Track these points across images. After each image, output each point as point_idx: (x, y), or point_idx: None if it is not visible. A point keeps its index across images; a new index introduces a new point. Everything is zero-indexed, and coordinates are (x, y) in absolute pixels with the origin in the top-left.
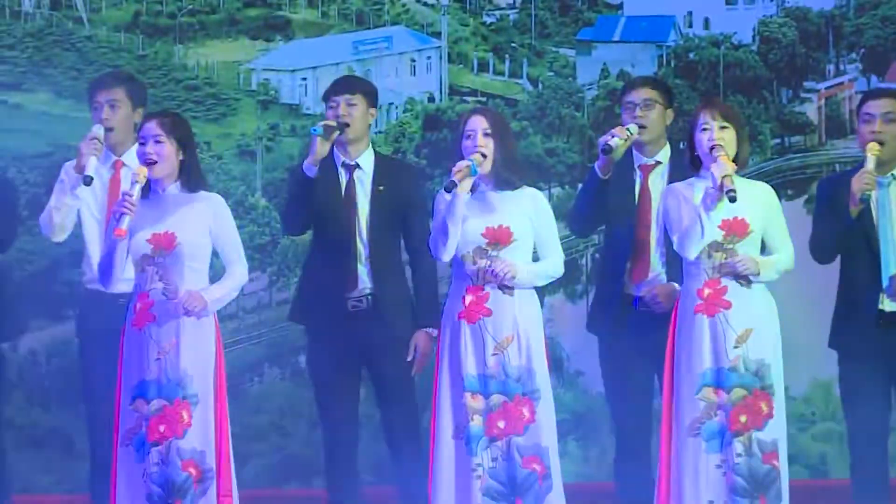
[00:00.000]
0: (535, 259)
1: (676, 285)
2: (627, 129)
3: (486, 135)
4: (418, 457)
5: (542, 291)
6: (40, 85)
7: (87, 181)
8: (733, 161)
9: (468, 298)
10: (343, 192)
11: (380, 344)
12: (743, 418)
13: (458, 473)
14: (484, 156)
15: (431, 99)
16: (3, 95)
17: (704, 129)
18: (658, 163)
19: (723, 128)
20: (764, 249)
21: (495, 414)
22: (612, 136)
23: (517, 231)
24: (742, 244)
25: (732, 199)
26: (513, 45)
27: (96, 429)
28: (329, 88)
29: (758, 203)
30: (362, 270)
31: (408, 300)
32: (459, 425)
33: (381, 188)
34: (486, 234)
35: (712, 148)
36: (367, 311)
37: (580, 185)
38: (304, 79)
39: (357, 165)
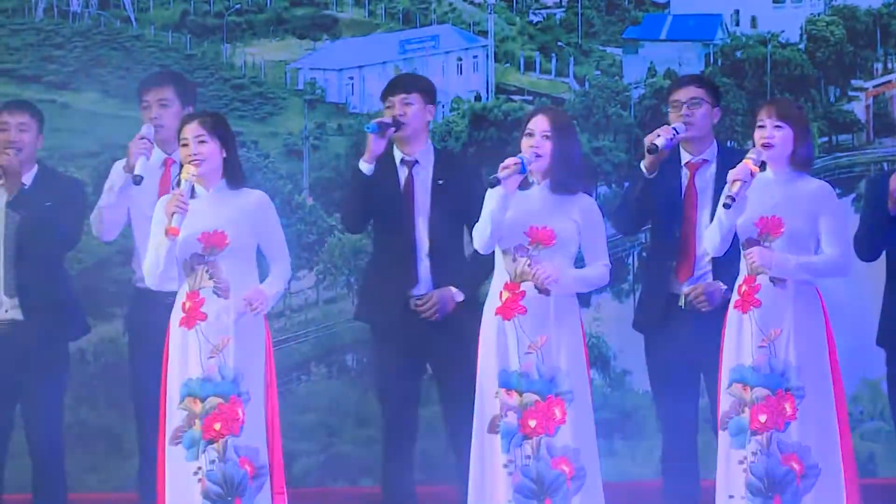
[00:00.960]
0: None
1: (722, 284)
2: (674, 128)
3: (544, 136)
4: None
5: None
6: (88, 84)
7: (138, 181)
8: (791, 160)
9: (505, 295)
10: (402, 189)
11: (442, 341)
12: (762, 418)
13: (493, 469)
14: (538, 156)
15: (478, 98)
16: (51, 95)
17: (759, 127)
18: (705, 161)
19: (777, 127)
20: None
21: (528, 412)
22: (659, 135)
23: (560, 234)
24: (776, 242)
25: (726, 206)
26: (559, 43)
27: (145, 427)
28: (385, 88)
29: (802, 202)
30: (423, 267)
31: (472, 295)
32: (494, 420)
33: (441, 182)
34: (529, 232)
35: (764, 146)
36: None
37: (626, 184)
38: (351, 78)
39: (416, 162)
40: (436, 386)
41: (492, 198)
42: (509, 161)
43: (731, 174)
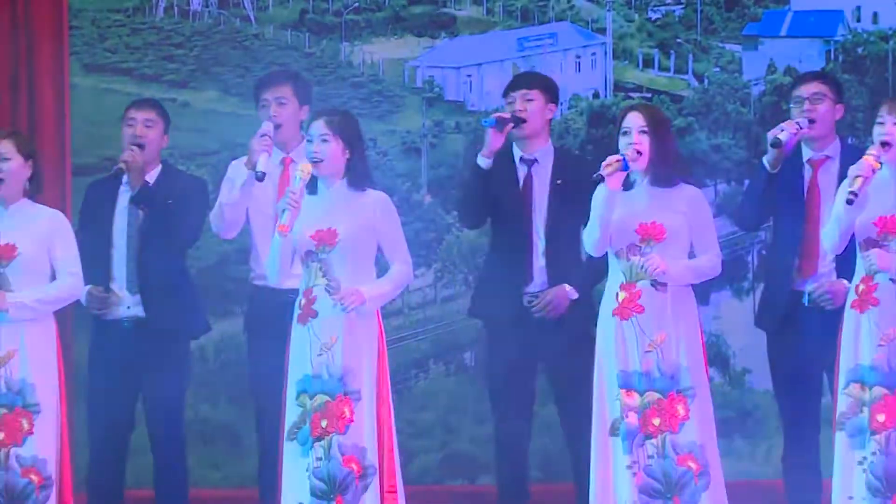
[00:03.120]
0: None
1: (846, 282)
2: (797, 124)
3: (641, 132)
4: None
5: (708, 288)
6: (208, 83)
7: (260, 177)
8: None
9: (621, 295)
10: (521, 187)
11: (557, 339)
12: (881, 417)
13: (616, 470)
14: (639, 153)
15: (596, 95)
16: (171, 94)
17: (879, 124)
18: (827, 157)
19: None
20: None
21: (650, 411)
22: (782, 129)
23: (670, 228)
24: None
25: (849, 202)
26: (678, 40)
27: (264, 424)
28: (508, 85)
29: None
30: (539, 265)
31: (586, 294)
32: (615, 422)
33: (560, 182)
34: (640, 230)
35: (883, 144)
36: None
37: (747, 181)
38: (469, 76)
39: (535, 160)
40: (549, 384)
41: (598, 199)
42: (611, 159)
43: (853, 170)
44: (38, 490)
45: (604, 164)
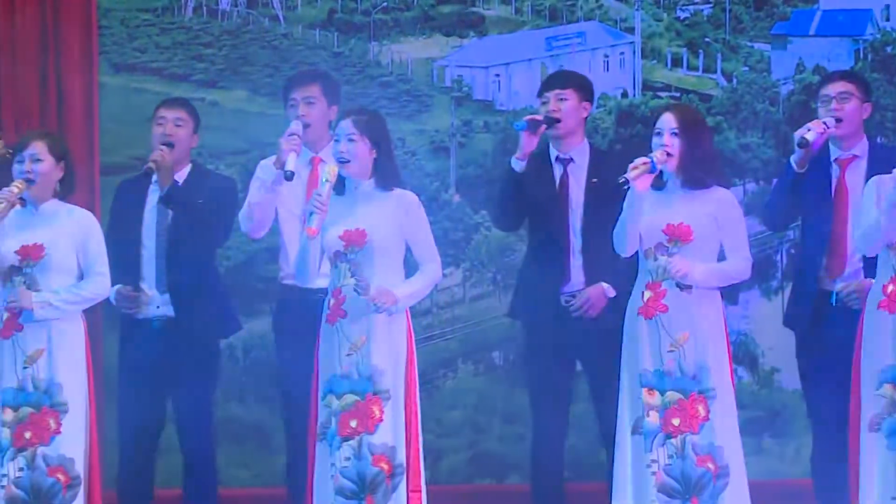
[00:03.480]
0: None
1: (874, 281)
2: (824, 123)
3: (673, 133)
4: None
5: (737, 287)
6: (237, 82)
7: (289, 176)
8: None
9: (646, 294)
10: (557, 186)
11: (593, 338)
12: None
13: (636, 468)
14: (669, 154)
15: (625, 94)
16: (200, 93)
17: None
18: (855, 156)
19: None
20: None
21: (671, 411)
22: (809, 129)
23: (698, 230)
24: None
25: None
26: (707, 40)
27: (293, 423)
28: (542, 84)
29: None
30: (576, 264)
31: (623, 294)
32: (637, 420)
33: (596, 181)
34: (667, 230)
35: None
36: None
37: (775, 181)
38: (498, 75)
39: (571, 159)
40: (586, 382)
41: (627, 199)
42: (638, 161)
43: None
44: (64, 489)
45: (630, 166)
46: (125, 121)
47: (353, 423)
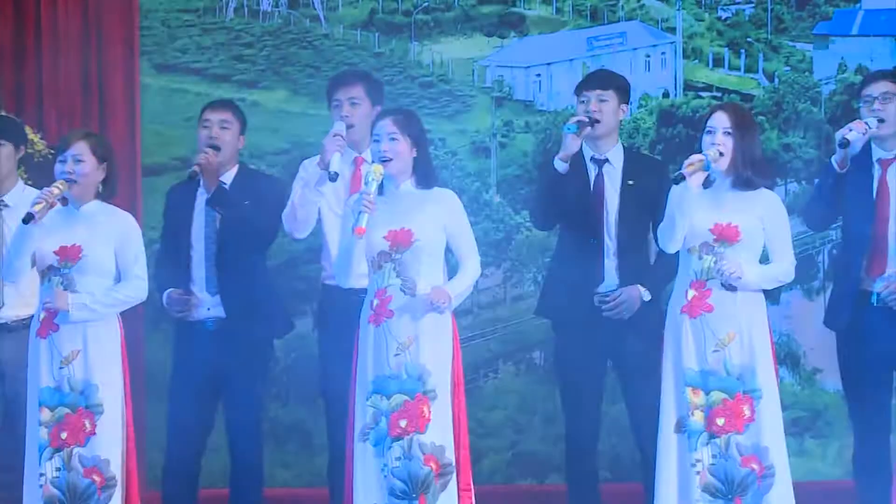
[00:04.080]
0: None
1: None
2: (866, 123)
3: (726, 133)
4: None
5: (779, 287)
6: (278, 83)
7: (333, 177)
8: None
9: (691, 293)
10: (592, 187)
11: (627, 339)
12: None
13: (680, 468)
14: (721, 153)
15: (666, 94)
16: (241, 93)
17: None
18: None
19: None
20: None
21: (715, 411)
22: (850, 130)
23: (745, 231)
24: None
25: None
26: (748, 39)
27: (334, 423)
28: (581, 82)
29: None
30: (609, 265)
31: (656, 295)
32: (681, 419)
33: (631, 182)
34: (714, 230)
35: None
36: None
37: (817, 181)
38: (539, 75)
39: (606, 160)
40: (619, 383)
41: (675, 196)
42: (694, 157)
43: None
44: (100, 490)
45: (686, 162)
46: (166, 121)
47: (403, 423)
